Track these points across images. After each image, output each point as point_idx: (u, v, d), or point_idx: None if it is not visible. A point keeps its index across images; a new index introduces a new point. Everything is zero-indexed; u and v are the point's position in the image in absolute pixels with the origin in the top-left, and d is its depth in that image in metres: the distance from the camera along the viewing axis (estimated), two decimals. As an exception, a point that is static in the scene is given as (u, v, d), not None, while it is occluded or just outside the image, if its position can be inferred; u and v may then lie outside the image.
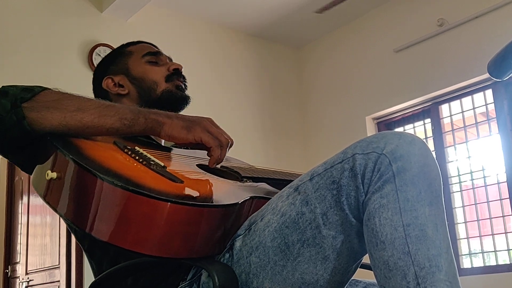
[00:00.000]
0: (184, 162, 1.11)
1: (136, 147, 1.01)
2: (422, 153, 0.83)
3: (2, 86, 0.97)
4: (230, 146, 1.04)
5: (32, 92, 0.95)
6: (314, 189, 0.87)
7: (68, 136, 0.95)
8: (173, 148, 1.23)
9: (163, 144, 1.25)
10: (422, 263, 0.77)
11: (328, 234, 0.85)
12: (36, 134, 0.93)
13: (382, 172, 0.81)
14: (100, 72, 1.39)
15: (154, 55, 1.38)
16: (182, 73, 1.38)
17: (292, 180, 1.06)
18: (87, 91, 1.40)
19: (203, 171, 1.09)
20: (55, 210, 0.89)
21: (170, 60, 1.42)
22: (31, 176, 1.01)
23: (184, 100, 1.35)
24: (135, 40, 1.46)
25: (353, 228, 0.85)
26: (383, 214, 0.80)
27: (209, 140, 1.00)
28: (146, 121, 0.99)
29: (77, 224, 0.85)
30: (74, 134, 0.95)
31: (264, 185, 1.17)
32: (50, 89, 0.99)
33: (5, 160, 4.95)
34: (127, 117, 0.98)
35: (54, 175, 0.88)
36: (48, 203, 0.91)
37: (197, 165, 1.12)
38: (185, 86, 1.38)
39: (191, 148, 1.05)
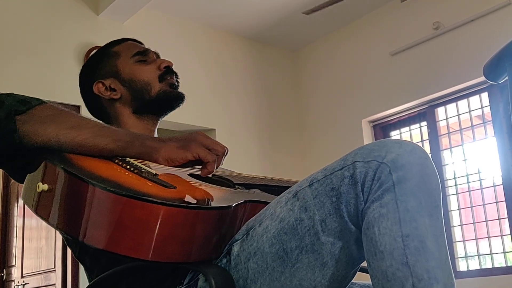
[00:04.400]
0: (175, 172, 1.11)
1: (127, 158, 1.00)
2: (422, 162, 0.82)
3: None
4: (226, 155, 1.03)
5: (28, 105, 0.94)
6: (313, 195, 0.86)
7: (59, 152, 0.94)
8: None
9: None
10: (420, 274, 0.76)
11: (327, 241, 0.85)
12: (26, 147, 0.92)
13: (382, 181, 0.80)
14: (88, 77, 1.35)
15: (142, 54, 1.35)
16: (173, 69, 1.36)
17: (284, 187, 1.05)
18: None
19: (195, 180, 1.08)
20: (47, 222, 0.88)
21: (158, 56, 1.39)
22: (22, 189, 0.99)
23: (180, 98, 1.33)
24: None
25: (352, 235, 0.84)
26: (383, 223, 0.79)
27: (206, 155, 0.99)
28: (142, 146, 0.98)
29: (70, 233, 0.84)
30: (66, 151, 0.94)
31: (257, 191, 1.17)
32: (47, 103, 0.98)
33: (1, 163, 4.93)
34: (122, 139, 0.97)
35: (46, 187, 0.87)
36: (40, 216, 0.90)
37: (188, 174, 1.12)
38: (178, 82, 1.36)
39: (187, 166, 1.04)
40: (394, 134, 4.65)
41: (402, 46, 4.44)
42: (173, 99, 1.32)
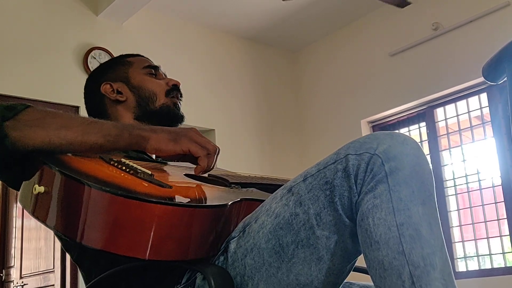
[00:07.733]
0: (171, 172, 1.11)
1: (122, 159, 1.01)
2: (414, 153, 0.83)
3: None
4: (218, 154, 1.04)
5: (14, 111, 0.94)
6: (307, 189, 0.87)
7: (52, 154, 0.94)
8: (159, 160, 1.24)
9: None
10: (416, 262, 0.77)
11: (322, 235, 0.85)
12: (19, 153, 0.92)
13: (375, 172, 0.81)
14: (98, 77, 1.39)
15: (153, 68, 1.41)
16: (180, 89, 1.41)
17: (280, 185, 1.06)
18: (83, 95, 1.41)
19: (191, 180, 1.09)
20: (45, 224, 0.88)
21: (165, 76, 1.44)
22: (18, 194, 1.00)
23: (180, 119, 1.38)
24: (132, 45, 1.47)
25: (347, 228, 0.85)
26: (377, 214, 0.80)
27: (197, 150, 1.00)
28: (131, 136, 0.98)
29: (68, 235, 0.85)
30: (58, 152, 0.94)
31: (253, 189, 1.18)
32: (33, 106, 0.98)
33: None
34: (111, 133, 0.97)
35: (42, 189, 0.87)
36: (37, 218, 0.90)
37: (184, 174, 1.12)
38: (180, 104, 1.40)
39: (178, 161, 1.05)
40: (393, 135, 4.65)
41: (401, 47, 4.45)
42: (173, 117, 1.36)
